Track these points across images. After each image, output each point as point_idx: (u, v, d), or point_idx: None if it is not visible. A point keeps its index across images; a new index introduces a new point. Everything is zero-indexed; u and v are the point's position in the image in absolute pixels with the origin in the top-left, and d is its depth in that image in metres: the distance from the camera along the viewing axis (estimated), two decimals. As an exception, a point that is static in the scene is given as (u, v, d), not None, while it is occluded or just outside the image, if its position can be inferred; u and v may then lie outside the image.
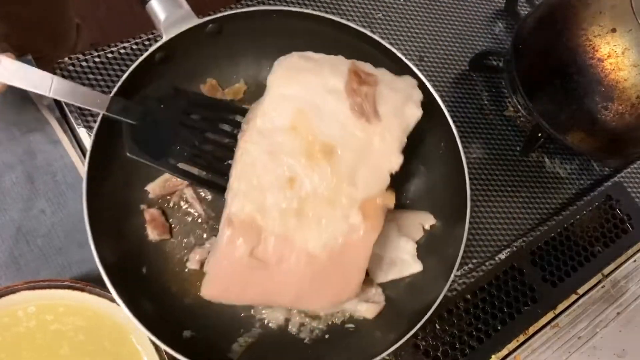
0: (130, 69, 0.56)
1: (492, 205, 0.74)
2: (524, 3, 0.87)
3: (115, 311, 0.53)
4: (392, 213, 0.61)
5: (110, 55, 0.66)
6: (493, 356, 0.65)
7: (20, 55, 0.65)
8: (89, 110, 0.62)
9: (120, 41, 0.67)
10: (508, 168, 0.76)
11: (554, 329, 0.69)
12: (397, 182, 0.63)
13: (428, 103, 0.61)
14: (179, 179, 0.60)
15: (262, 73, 0.64)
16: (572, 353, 0.68)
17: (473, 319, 0.67)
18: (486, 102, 0.80)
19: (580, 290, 0.72)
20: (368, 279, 0.60)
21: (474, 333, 0.66)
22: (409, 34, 0.80)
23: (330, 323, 0.59)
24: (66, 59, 0.64)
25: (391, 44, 0.77)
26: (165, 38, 0.56)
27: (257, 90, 0.64)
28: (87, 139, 0.62)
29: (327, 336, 0.59)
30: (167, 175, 0.60)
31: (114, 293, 0.50)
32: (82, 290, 0.52)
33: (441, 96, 0.63)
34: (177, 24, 0.56)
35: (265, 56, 0.63)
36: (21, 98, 0.62)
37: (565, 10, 0.67)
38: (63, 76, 0.63)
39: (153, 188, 0.60)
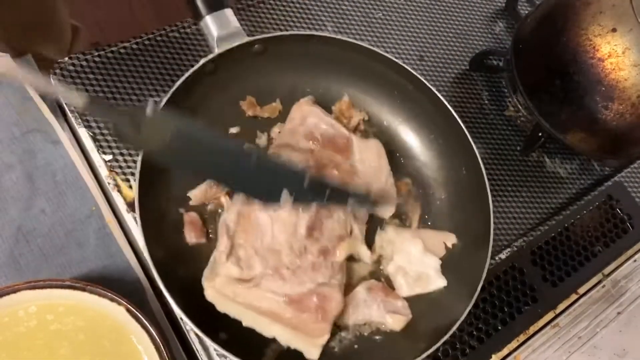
0: (184, 77, 0.58)
1: (492, 205, 0.73)
2: (524, 2, 0.87)
3: (115, 311, 0.53)
4: (417, 231, 0.65)
5: (110, 55, 0.66)
6: (493, 356, 0.65)
7: (19, 56, 0.65)
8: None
9: (121, 41, 0.67)
10: (508, 168, 0.76)
11: (555, 328, 0.69)
12: (421, 203, 0.67)
13: (451, 128, 0.64)
14: (220, 187, 0.61)
15: (296, 94, 0.67)
16: (573, 353, 0.68)
17: (473, 318, 0.67)
18: (486, 101, 0.80)
19: (581, 290, 0.72)
20: (394, 293, 0.61)
21: (475, 333, 0.66)
22: (409, 34, 0.80)
23: (358, 334, 0.60)
24: (66, 58, 0.64)
25: (391, 44, 0.78)
26: (217, 52, 0.60)
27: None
28: (87, 139, 0.62)
29: (356, 346, 0.59)
30: (207, 183, 0.60)
31: (164, 289, 0.52)
32: (82, 290, 0.52)
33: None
34: (228, 39, 0.60)
35: (300, 80, 0.68)
36: (22, 97, 0.62)
37: (566, 10, 0.67)
38: (63, 76, 0.63)
39: (195, 195, 0.60)
